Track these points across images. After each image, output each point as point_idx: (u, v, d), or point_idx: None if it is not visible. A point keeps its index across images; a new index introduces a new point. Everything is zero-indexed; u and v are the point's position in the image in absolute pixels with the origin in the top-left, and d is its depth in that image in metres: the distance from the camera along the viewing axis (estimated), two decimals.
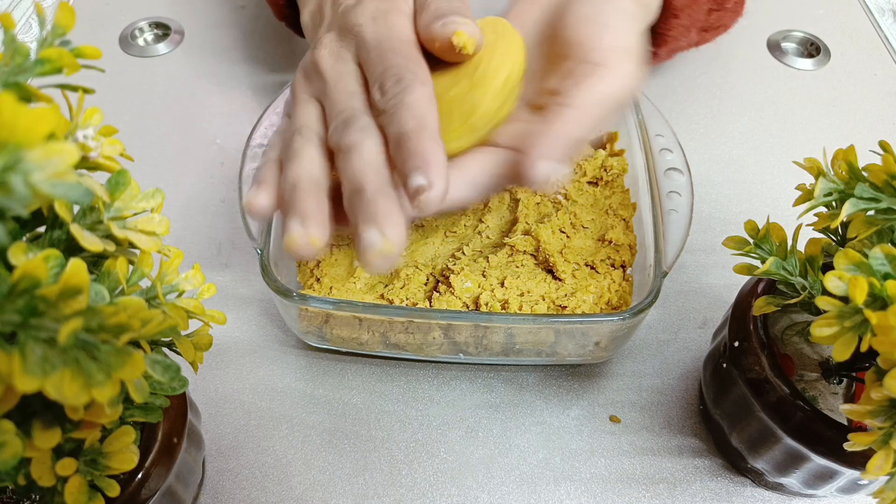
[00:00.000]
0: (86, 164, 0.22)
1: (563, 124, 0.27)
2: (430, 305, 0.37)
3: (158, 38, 0.59)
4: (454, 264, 0.38)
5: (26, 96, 0.19)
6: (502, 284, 0.37)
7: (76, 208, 0.21)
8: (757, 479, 0.36)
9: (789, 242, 0.29)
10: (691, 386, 0.40)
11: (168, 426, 0.28)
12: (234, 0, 0.62)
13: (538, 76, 0.32)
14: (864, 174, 0.26)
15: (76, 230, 0.20)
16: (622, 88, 0.29)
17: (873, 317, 0.21)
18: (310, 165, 0.27)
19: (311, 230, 0.25)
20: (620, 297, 0.38)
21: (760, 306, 0.30)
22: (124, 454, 0.24)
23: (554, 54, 0.31)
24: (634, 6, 0.32)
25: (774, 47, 0.60)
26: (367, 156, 0.26)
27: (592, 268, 0.38)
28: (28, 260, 0.16)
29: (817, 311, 0.27)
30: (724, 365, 0.34)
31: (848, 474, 0.30)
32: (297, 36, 0.51)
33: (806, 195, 0.28)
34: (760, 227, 0.29)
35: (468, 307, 0.37)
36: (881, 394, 0.22)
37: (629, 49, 0.30)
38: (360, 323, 0.36)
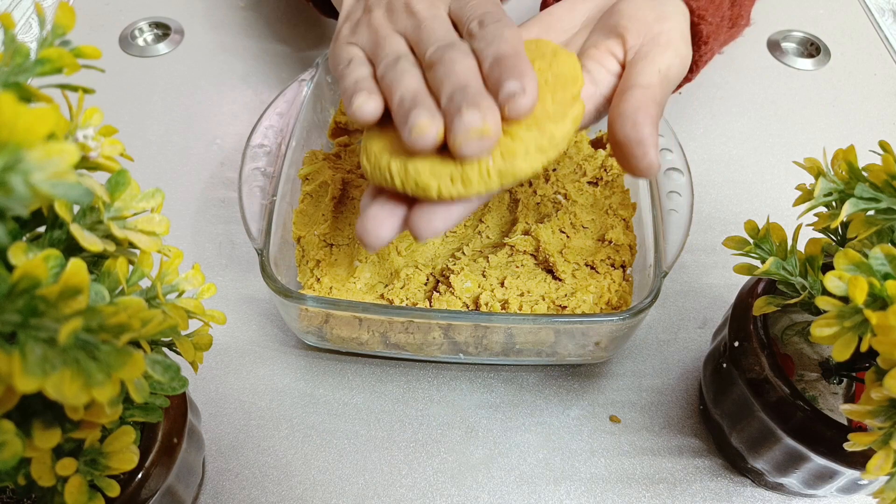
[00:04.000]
0: (86, 164, 0.22)
1: (651, 107, 0.29)
2: (430, 305, 0.37)
3: (158, 38, 0.59)
4: (454, 264, 0.38)
5: (26, 96, 0.19)
6: (502, 284, 0.37)
7: (76, 208, 0.21)
8: (757, 479, 0.36)
9: (789, 242, 0.29)
10: (691, 386, 0.40)
11: (168, 426, 0.28)
12: (234, 0, 0.63)
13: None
14: (864, 174, 0.26)
15: (76, 230, 0.20)
16: (683, 69, 0.32)
17: (873, 317, 0.21)
18: (419, 82, 0.30)
19: (438, 123, 0.27)
20: (620, 297, 0.38)
21: (760, 306, 0.30)
22: (124, 454, 0.24)
23: (607, 29, 0.34)
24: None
25: (774, 47, 0.60)
26: (469, 64, 0.29)
27: (592, 268, 0.38)
28: (28, 260, 0.16)
29: (817, 311, 0.27)
30: (724, 365, 0.34)
31: (848, 474, 0.30)
32: (324, 16, 0.53)
33: (806, 195, 0.28)
34: (760, 227, 0.29)
35: (468, 307, 0.37)
36: (881, 394, 0.22)
37: (686, 36, 0.33)
38: (360, 323, 0.36)
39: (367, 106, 0.30)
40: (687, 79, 0.44)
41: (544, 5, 0.45)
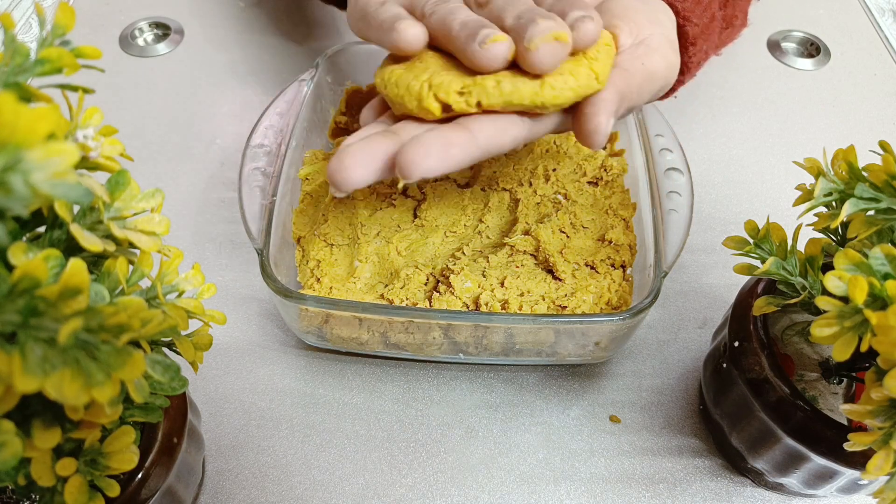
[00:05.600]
0: (86, 164, 0.22)
1: (618, 81, 0.30)
2: (430, 305, 0.37)
3: (158, 38, 0.59)
4: (454, 264, 0.38)
5: (26, 96, 0.19)
6: (502, 284, 0.37)
7: (76, 208, 0.21)
8: (757, 479, 0.36)
9: (789, 242, 0.29)
10: (691, 386, 0.40)
11: (168, 426, 0.28)
12: (234, 0, 0.62)
13: None
14: (864, 174, 0.26)
15: (76, 230, 0.20)
16: (669, 74, 0.33)
17: (873, 317, 0.21)
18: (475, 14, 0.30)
19: (509, 39, 0.27)
20: (620, 297, 0.38)
21: (760, 306, 0.30)
22: (124, 454, 0.24)
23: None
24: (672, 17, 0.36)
25: (774, 47, 0.60)
26: None
27: (592, 268, 0.38)
28: (28, 260, 0.16)
29: (817, 311, 0.27)
30: (724, 365, 0.34)
31: (848, 474, 0.30)
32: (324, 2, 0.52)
33: (806, 195, 0.28)
34: (760, 227, 0.29)
35: (468, 307, 0.37)
36: (881, 394, 0.22)
37: (674, 43, 0.34)
38: (360, 323, 0.36)
39: (413, 30, 0.29)
40: (679, 81, 0.44)
41: None
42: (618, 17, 0.34)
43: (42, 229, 0.21)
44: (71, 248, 0.21)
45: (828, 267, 0.27)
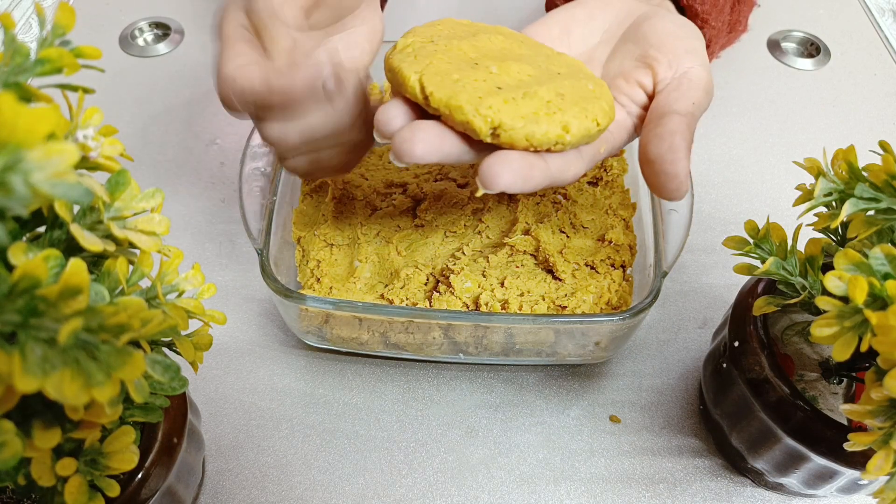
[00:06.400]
0: (86, 164, 0.22)
1: (685, 130, 0.30)
2: (430, 305, 0.37)
3: (158, 38, 0.59)
4: (454, 264, 0.38)
5: (26, 96, 0.19)
6: (502, 284, 0.37)
7: (76, 208, 0.21)
8: (757, 479, 0.36)
9: (789, 242, 0.29)
10: (691, 386, 0.40)
11: (168, 426, 0.28)
12: None
13: (609, 64, 0.35)
14: (864, 174, 0.26)
15: (76, 230, 0.20)
16: (709, 102, 0.33)
17: (873, 317, 0.21)
18: None
19: None
20: (620, 297, 0.38)
21: (760, 306, 0.30)
22: (124, 454, 0.24)
23: (635, 57, 0.34)
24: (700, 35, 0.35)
25: (774, 47, 0.60)
26: None
27: (592, 268, 0.38)
28: (28, 260, 0.16)
29: (817, 311, 0.27)
30: (724, 365, 0.34)
31: (848, 474, 0.30)
32: None
33: (806, 195, 0.28)
34: (760, 227, 0.29)
35: (468, 307, 0.37)
36: (881, 394, 0.22)
37: (710, 71, 0.34)
38: (360, 323, 0.36)
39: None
40: None
41: (551, 5, 0.45)
42: (655, 47, 0.33)
43: (42, 229, 0.21)
44: (71, 248, 0.21)
45: (828, 267, 0.27)
